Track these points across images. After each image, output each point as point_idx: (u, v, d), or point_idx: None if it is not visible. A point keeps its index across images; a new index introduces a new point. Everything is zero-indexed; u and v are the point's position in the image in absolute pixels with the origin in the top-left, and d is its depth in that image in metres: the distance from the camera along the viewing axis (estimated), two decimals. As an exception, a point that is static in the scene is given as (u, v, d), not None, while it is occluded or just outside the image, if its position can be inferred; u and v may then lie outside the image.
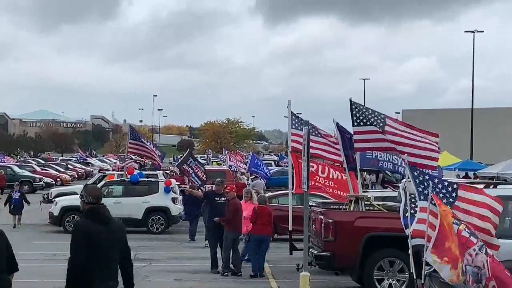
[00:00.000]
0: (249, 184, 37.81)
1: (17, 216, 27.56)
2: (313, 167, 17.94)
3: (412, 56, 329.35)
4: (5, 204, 28.46)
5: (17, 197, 27.87)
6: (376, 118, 14.74)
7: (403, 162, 12.98)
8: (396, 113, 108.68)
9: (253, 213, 16.68)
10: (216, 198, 17.53)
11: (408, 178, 11.22)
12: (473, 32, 56.72)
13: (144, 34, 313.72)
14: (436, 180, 10.59)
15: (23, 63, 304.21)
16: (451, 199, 10.21)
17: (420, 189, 10.53)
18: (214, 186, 18.52)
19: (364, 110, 15.00)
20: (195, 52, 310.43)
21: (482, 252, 8.74)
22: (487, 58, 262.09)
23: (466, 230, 9.17)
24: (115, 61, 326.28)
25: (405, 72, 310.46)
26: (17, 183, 32.90)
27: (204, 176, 29.88)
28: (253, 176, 37.95)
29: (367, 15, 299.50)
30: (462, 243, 9.09)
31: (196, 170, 29.99)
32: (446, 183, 10.45)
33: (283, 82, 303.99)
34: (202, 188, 28.60)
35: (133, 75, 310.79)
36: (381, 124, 14.63)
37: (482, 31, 58.05)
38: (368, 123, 14.79)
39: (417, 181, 10.65)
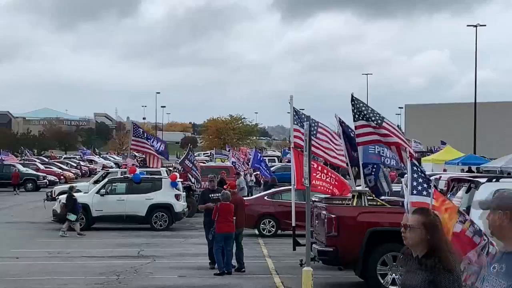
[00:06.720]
0: (252, 180, 37.95)
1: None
2: (313, 165, 17.92)
3: (425, 50, 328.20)
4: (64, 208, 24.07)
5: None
6: (375, 115, 14.97)
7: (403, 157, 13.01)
8: (399, 107, 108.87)
9: (215, 210, 16.31)
10: (210, 194, 17.57)
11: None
12: (475, 26, 56.83)
13: (160, 31, 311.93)
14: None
15: (33, 62, 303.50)
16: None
17: (415, 184, 10.60)
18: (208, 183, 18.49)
19: (364, 107, 15.12)
20: (209, 50, 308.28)
21: (484, 253, 8.81)
22: (503, 50, 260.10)
23: (470, 229, 9.21)
24: (128, 59, 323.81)
25: (417, 66, 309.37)
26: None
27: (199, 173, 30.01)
28: (255, 172, 37.98)
29: (383, 10, 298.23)
30: (465, 242, 9.09)
31: (196, 165, 30.10)
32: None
33: (295, 78, 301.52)
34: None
35: (143, 73, 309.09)
36: (379, 121, 14.83)
37: (485, 25, 58.12)
38: (369, 120, 14.98)
39: (415, 176, 10.72)
